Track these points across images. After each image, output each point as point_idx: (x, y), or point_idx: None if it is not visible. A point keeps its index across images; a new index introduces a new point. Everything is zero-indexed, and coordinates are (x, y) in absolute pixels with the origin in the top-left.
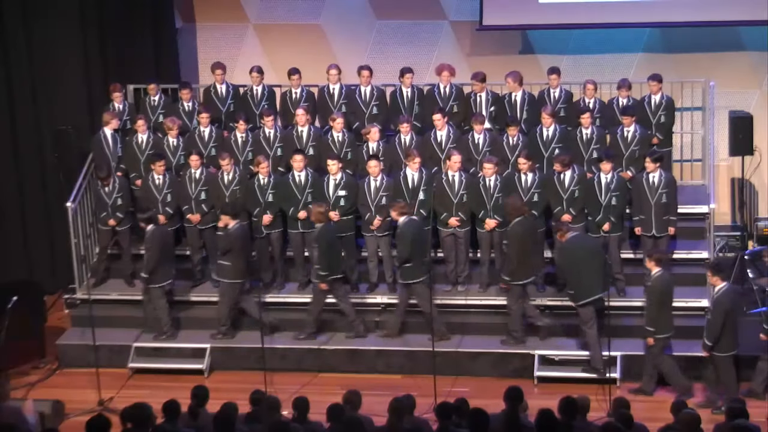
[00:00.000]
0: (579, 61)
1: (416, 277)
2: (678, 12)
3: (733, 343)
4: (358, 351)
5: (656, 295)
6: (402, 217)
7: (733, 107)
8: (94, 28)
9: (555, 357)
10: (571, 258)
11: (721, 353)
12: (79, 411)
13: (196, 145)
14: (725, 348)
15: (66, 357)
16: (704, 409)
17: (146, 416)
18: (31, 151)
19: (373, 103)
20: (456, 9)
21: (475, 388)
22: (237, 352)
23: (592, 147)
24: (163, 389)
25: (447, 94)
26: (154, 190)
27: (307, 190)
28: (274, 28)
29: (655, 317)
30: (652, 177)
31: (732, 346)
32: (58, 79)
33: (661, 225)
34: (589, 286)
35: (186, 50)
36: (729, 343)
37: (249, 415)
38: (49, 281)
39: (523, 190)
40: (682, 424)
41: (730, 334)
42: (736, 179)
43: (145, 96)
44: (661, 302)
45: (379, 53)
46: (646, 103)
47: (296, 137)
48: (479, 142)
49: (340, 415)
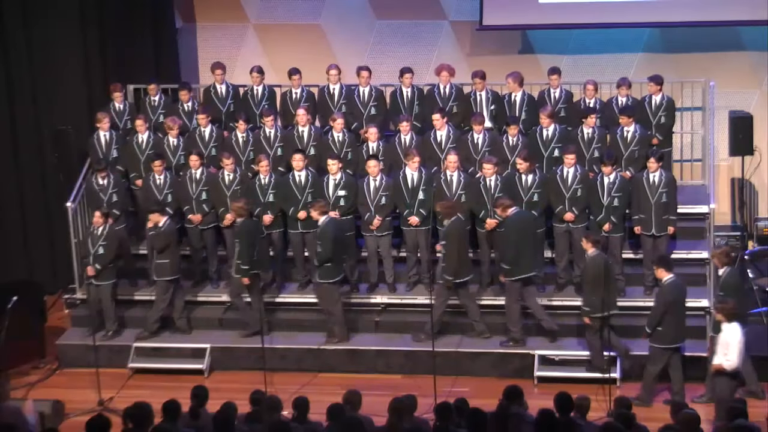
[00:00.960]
0: (579, 61)
1: (333, 278)
2: (678, 12)
3: (674, 337)
4: (358, 351)
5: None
6: (323, 217)
7: (733, 107)
8: (94, 28)
9: (555, 357)
10: (510, 234)
11: (656, 344)
12: (79, 411)
13: (196, 145)
14: (662, 339)
15: (66, 357)
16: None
17: (146, 416)
18: (31, 151)
19: (372, 104)
20: (456, 9)
21: (475, 388)
22: (237, 352)
23: (594, 146)
24: (163, 389)
25: (447, 94)
26: (155, 190)
27: (308, 190)
28: (274, 28)
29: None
30: (653, 176)
31: (671, 339)
32: (58, 79)
33: (661, 224)
34: (525, 263)
35: (186, 50)
36: (668, 335)
37: (249, 415)
38: (49, 281)
39: (523, 190)
40: (682, 424)
41: (671, 327)
42: (736, 179)
43: (145, 96)
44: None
45: (379, 53)
46: (647, 103)
47: (297, 137)
48: (479, 142)
49: (340, 415)
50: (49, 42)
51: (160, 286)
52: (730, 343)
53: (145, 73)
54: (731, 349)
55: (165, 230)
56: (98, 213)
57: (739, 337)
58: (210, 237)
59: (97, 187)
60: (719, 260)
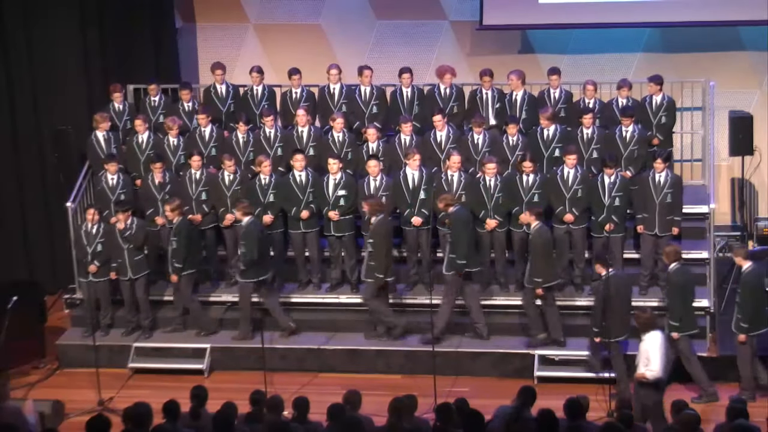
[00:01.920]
0: (579, 61)
1: (258, 276)
2: (678, 12)
3: (621, 329)
4: (358, 351)
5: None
6: (246, 217)
7: (733, 107)
8: (94, 28)
9: (555, 357)
10: (461, 229)
11: (612, 338)
12: (79, 411)
13: (196, 145)
14: (615, 334)
15: (66, 357)
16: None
17: (146, 416)
18: (31, 151)
19: (373, 103)
20: (456, 9)
21: (475, 388)
22: (237, 352)
23: (593, 147)
24: (163, 389)
25: (447, 94)
26: (154, 190)
27: (308, 190)
28: (274, 28)
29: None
30: (659, 176)
31: (620, 332)
32: (58, 79)
33: (665, 225)
34: (472, 258)
35: (186, 50)
36: (617, 329)
37: (249, 415)
38: (49, 281)
39: (524, 190)
40: (682, 423)
41: (616, 320)
42: (736, 179)
43: (145, 96)
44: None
45: (379, 53)
46: (647, 103)
47: (296, 137)
48: (479, 142)
49: (340, 415)
50: (49, 42)
51: (143, 283)
52: (651, 352)
53: (145, 73)
54: (652, 358)
55: (138, 227)
56: (92, 210)
57: (659, 346)
58: (210, 237)
59: (107, 186)
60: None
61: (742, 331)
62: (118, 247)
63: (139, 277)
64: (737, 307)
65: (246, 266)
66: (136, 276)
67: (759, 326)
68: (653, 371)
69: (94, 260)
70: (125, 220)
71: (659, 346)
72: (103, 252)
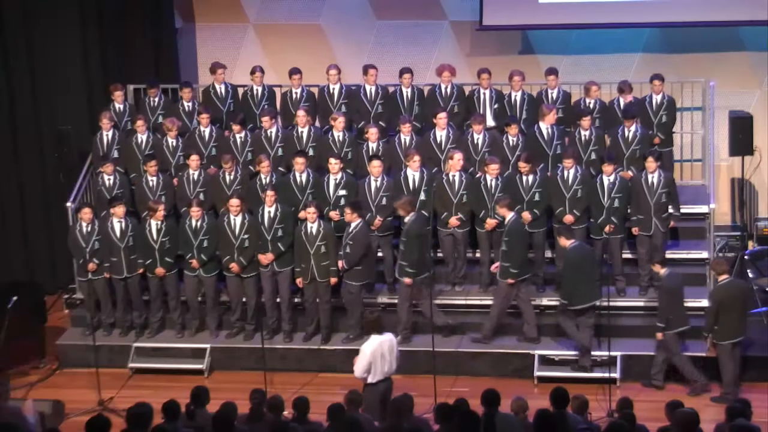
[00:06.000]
0: (579, 61)
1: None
2: (678, 12)
3: (590, 296)
4: (358, 351)
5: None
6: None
7: (733, 107)
8: (94, 28)
9: (555, 357)
10: (413, 236)
11: (572, 306)
12: (79, 411)
13: (196, 146)
14: (727, 335)
15: (66, 357)
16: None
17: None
18: (31, 151)
19: (378, 102)
20: (456, 9)
21: (475, 388)
22: (237, 352)
23: (591, 148)
24: (163, 389)
25: (448, 94)
26: (147, 191)
27: (308, 191)
28: (274, 28)
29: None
30: (651, 177)
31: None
32: (58, 79)
33: (661, 224)
34: (426, 262)
35: (186, 50)
36: (581, 296)
37: (249, 415)
38: (49, 281)
39: (524, 190)
40: (678, 423)
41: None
42: (736, 179)
43: (145, 96)
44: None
45: (379, 53)
46: (648, 103)
47: (296, 138)
48: (479, 142)
49: (340, 415)
50: (49, 42)
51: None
52: (362, 352)
53: (145, 73)
54: (360, 358)
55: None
56: (88, 209)
57: (371, 349)
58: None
59: (104, 186)
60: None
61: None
62: (114, 245)
63: (133, 276)
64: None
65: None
66: (131, 275)
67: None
68: (356, 370)
69: (92, 258)
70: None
71: (371, 350)
72: (100, 250)
